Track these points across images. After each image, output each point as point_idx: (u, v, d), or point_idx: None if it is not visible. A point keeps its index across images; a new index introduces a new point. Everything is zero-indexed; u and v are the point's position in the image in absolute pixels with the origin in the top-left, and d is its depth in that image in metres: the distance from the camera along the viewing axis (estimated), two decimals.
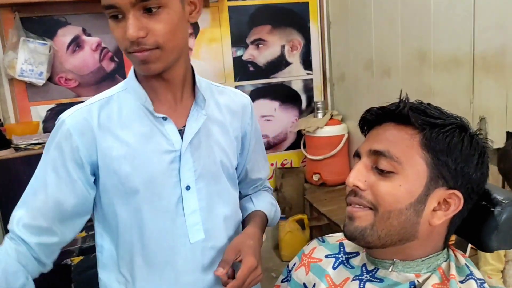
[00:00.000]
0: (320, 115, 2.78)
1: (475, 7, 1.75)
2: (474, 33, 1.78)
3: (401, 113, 0.71)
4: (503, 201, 0.73)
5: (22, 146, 2.21)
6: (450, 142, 0.69)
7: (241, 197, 1.13)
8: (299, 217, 2.79)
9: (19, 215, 0.87)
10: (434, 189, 0.70)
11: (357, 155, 0.77)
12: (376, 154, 0.72)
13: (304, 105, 2.95)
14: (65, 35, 2.50)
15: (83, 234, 1.96)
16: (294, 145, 2.97)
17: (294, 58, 2.89)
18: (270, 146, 2.94)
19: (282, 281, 0.94)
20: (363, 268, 0.79)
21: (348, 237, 0.75)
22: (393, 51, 2.23)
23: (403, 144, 0.70)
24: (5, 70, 2.37)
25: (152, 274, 0.92)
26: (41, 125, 2.53)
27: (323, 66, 2.94)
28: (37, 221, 0.86)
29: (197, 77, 0.96)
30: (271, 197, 1.17)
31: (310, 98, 2.95)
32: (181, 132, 0.92)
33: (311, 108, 2.94)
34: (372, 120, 0.78)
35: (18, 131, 2.35)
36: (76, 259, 1.79)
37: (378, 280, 0.75)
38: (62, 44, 2.50)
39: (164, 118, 0.89)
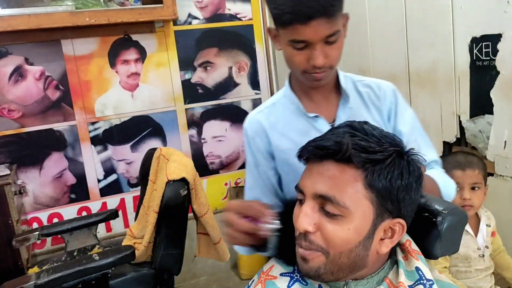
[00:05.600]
0: None
1: (407, 27, 1.88)
2: (407, 51, 1.91)
3: (343, 155, 0.72)
4: (443, 211, 0.80)
5: None
6: (391, 178, 0.72)
7: None
8: None
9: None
10: (381, 223, 0.74)
11: (300, 191, 0.77)
12: (322, 198, 0.73)
13: None
14: (6, 65, 2.42)
15: (36, 269, 1.89)
16: None
17: (242, 78, 2.95)
18: (223, 166, 2.97)
19: None
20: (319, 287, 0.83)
21: (304, 275, 0.78)
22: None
23: (347, 187, 0.72)
24: None
25: None
26: None
27: (270, 85, 3.02)
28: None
29: (342, 75, 1.12)
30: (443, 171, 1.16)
31: None
32: (333, 126, 1.07)
33: None
34: (310, 157, 0.78)
35: None
36: None
37: None
38: (3, 74, 2.42)
39: (316, 117, 1.08)
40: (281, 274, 0.88)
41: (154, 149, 2.06)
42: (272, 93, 3.03)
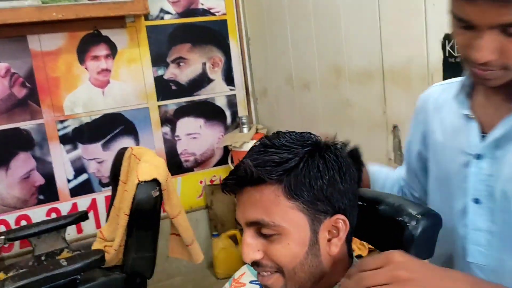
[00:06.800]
0: (245, 130, 2.82)
1: (381, 24, 1.87)
2: (381, 48, 1.90)
3: (253, 178, 0.70)
4: (417, 215, 0.79)
5: None
6: (310, 181, 0.70)
7: None
8: (231, 233, 2.80)
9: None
10: (320, 226, 0.72)
11: (239, 223, 0.77)
12: (254, 224, 0.72)
13: (229, 120, 2.98)
14: None
15: (2, 275, 1.82)
16: (222, 161, 2.97)
17: (216, 74, 2.91)
18: (198, 164, 2.92)
19: None
20: None
21: None
22: (311, 66, 2.33)
23: (272, 206, 0.70)
24: None
25: None
26: None
27: (245, 81, 2.98)
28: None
29: None
30: None
31: (234, 114, 2.98)
32: (484, 136, 0.82)
33: (236, 124, 2.97)
34: (233, 190, 0.76)
35: None
36: None
37: None
38: None
39: (468, 117, 0.84)
40: (251, 282, 0.89)
41: (125, 148, 2.01)
42: (247, 89, 2.99)
